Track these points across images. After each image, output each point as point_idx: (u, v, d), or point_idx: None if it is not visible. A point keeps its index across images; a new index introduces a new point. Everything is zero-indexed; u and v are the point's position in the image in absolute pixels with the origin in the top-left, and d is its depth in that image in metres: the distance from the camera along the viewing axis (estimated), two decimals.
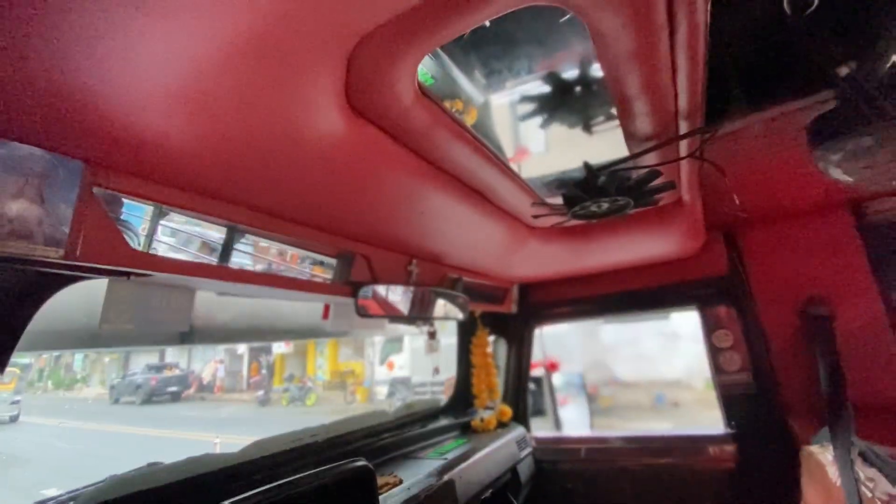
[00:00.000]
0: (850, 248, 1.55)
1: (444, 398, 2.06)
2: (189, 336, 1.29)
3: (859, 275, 1.52)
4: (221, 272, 0.84)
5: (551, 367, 2.66)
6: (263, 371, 12.64)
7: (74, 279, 0.82)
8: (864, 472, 1.02)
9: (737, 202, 1.33)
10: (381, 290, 1.17)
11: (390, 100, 0.71)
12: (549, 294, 2.06)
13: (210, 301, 1.21)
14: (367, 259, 1.17)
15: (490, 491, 1.57)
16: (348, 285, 1.13)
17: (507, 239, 1.44)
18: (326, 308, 1.39)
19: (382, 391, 10.60)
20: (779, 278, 1.66)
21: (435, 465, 1.40)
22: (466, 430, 1.84)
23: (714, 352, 1.72)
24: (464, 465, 1.45)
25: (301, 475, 0.90)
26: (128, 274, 0.79)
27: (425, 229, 1.23)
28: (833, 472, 1.16)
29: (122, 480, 0.95)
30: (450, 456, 1.49)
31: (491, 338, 2.06)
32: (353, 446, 1.42)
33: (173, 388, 11.23)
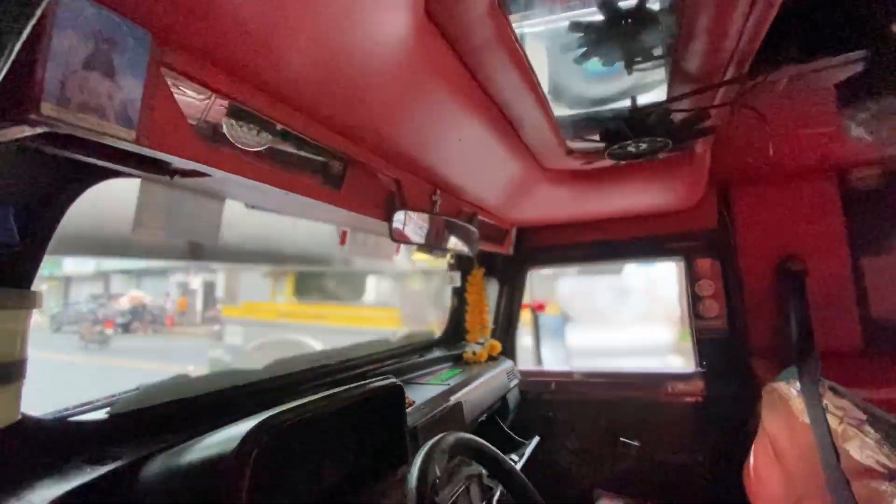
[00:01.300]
0: (830, 212, 1.68)
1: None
2: (198, 252, 1.24)
3: (834, 237, 1.67)
4: (274, 178, 0.79)
5: (539, 308, 2.81)
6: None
7: (108, 175, 0.75)
8: (833, 402, 1.18)
9: (771, 153, 1.39)
10: (412, 216, 1.16)
11: (465, 7, 0.67)
12: (545, 239, 2.12)
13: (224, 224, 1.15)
14: (399, 184, 1.15)
15: (485, 415, 1.68)
16: (383, 208, 1.11)
17: (522, 178, 1.45)
18: (344, 234, 1.37)
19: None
20: (761, 235, 1.79)
21: (439, 389, 1.47)
22: (459, 361, 1.92)
23: (695, 299, 1.86)
24: (465, 390, 1.53)
25: (339, 389, 0.93)
26: (181, 172, 0.73)
27: (455, 159, 1.21)
28: (796, 406, 1.32)
29: (154, 388, 0.93)
30: (451, 383, 1.57)
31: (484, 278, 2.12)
32: (361, 370, 1.45)
33: (123, 320, 10.80)
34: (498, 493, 1.18)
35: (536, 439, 1.74)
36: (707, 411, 1.79)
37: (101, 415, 0.84)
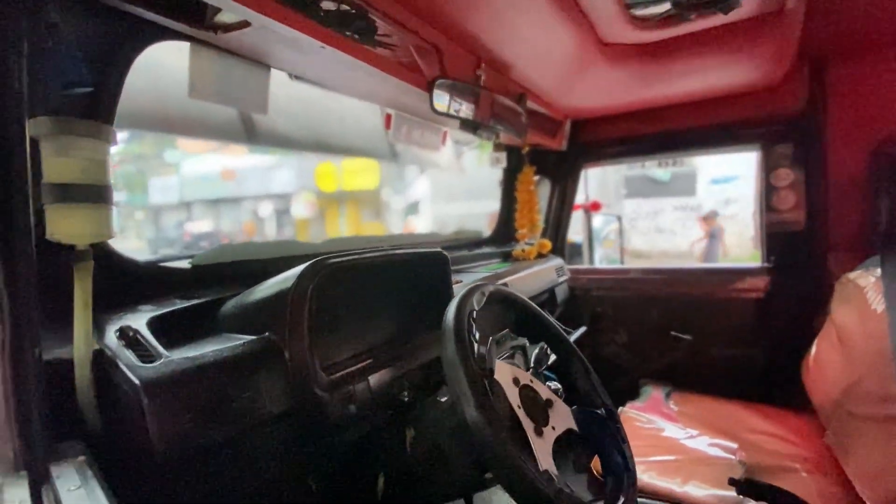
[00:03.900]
0: None
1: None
2: (254, 136, 1.31)
3: None
4: (312, 29, 0.79)
5: (593, 208, 2.73)
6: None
7: (160, 34, 0.79)
8: None
9: (879, 18, 1.16)
10: (454, 86, 1.12)
11: None
12: (602, 132, 1.99)
13: (274, 106, 1.19)
14: (440, 52, 1.10)
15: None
16: (422, 75, 1.08)
17: (577, 54, 1.33)
18: (388, 117, 1.37)
19: None
20: (858, 117, 1.55)
21: (485, 276, 1.51)
22: (507, 258, 1.95)
23: (769, 191, 1.70)
24: (513, 276, 1.57)
25: (392, 250, 0.99)
26: (224, 26, 0.75)
27: (502, 27, 1.13)
28: (871, 294, 1.22)
29: (227, 248, 1.05)
30: (499, 271, 1.61)
31: (536, 177, 2.06)
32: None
33: (204, 243, 12.02)
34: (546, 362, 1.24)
35: (583, 329, 1.78)
36: (769, 308, 1.71)
37: (184, 265, 0.97)
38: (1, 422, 0.49)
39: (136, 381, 0.57)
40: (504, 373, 0.76)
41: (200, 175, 12.54)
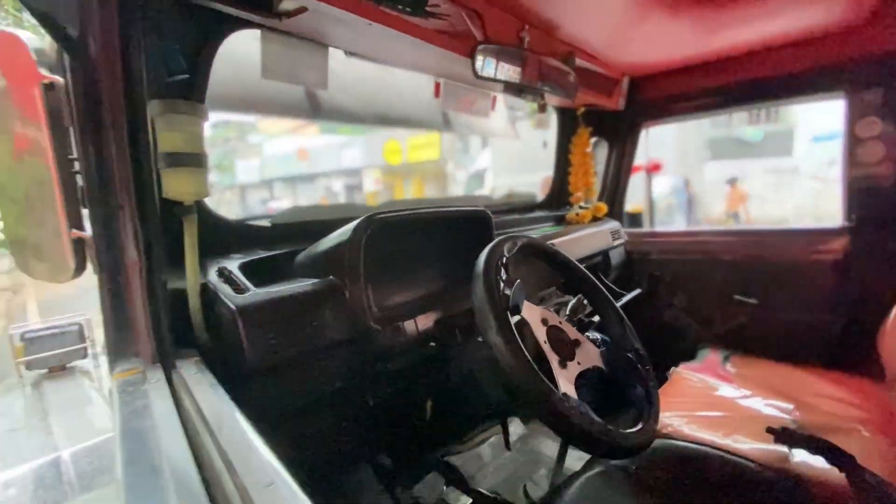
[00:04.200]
0: None
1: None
2: (318, 112, 1.46)
3: None
4: (364, 10, 0.89)
5: (653, 169, 2.60)
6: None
7: (236, 25, 0.94)
8: None
9: None
10: (498, 51, 1.17)
11: None
12: (663, 88, 1.89)
13: (336, 83, 1.31)
14: (481, 17, 1.15)
15: (584, 265, 1.75)
16: (466, 42, 1.14)
17: (630, 4, 1.29)
18: (437, 86, 1.45)
19: None
20: None
21: (539, 234, 1.56)
22: (560, 222, 1.96)
23: (853, 142, 1.54)
24: (563, 238, 1.60)
25: (437, 208, 1.09)
26: (287, 13, 0.87)
27: None
28: None
29: (301, 209, 1.22)
30: (548, 233, 1.65)
31: (593, 139, 2.03)
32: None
33: None
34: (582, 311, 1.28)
35: (637, 291, 1.77)
36: (847, 270, 1.58)
37: (265, 223, 1.15)
38: (143, 329, 0.67)
39: (233, 307, 0.74)
40: (533, 313, 0.84)
41: (278, 156, 13.53)
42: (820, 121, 6.29)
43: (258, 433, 0.48)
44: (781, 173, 6.62)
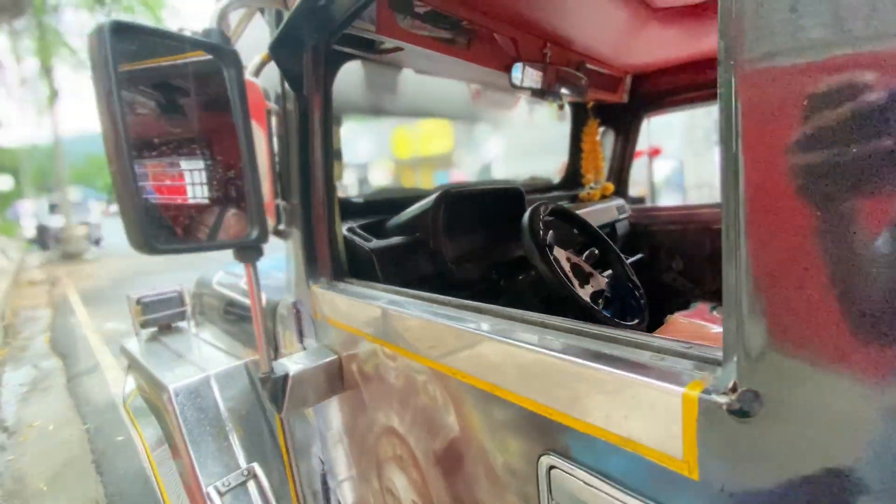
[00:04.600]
0: None
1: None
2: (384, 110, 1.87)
3: None
4: (442, 48, 1.29)
5: (654, 153, 2.93)
6: None
7: (348, 58, 1.33)
8: None
9: None
10: (526, 65, 1.55)
11: None
12: (661, 83, 2.24)
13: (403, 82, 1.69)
14: (515, 42, 1.53)
15: None
16: (503, 62, 1.53)
17: (629, 21, 1.65)
18: (476, 91, 1.84)
19: None
20: None
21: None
22: (574, 200, 2.34)
23: None
24: (578, 212, 1.98)
25: (489, 186, 1.49)
26: (387, 50, 1.26)
27: (564, 16, 1.51)
28: None
29: (385, 190, 1.63)
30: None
31: (601, 129, 2.39)
32: None
33: None
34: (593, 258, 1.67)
35: (639, 255, 2.14)
36: None
37: (360, 200, 1.56)
38: (326, 260, 1.08)
39: (367, 249, 1.15)
40: (561, 254, 1.24)
41: None
42: None
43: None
44: None
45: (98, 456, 3.13)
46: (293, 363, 0.96)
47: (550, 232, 1.21)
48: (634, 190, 2.56)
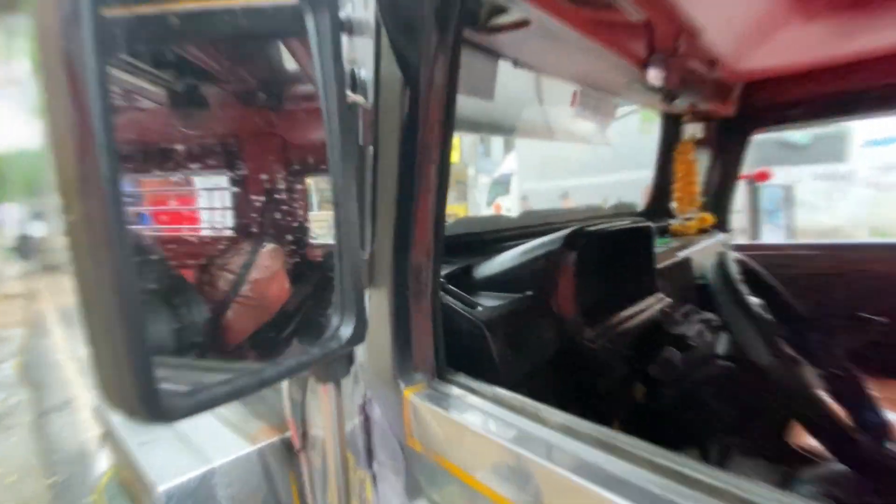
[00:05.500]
0: None
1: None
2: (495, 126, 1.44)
3: None
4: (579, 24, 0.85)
5: (760, 178, 2.50)
6: None
7: None
8: None
9: None
10: (662, 59, 1.12)
11: None
12: (774, 94, 1.81)
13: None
14: (650, 27, 1.09)
15: (699, 280, 1.68)
16: (637, 50, 1.09)
17: (771, 10, 1.24)
18: (574, 95, 1.39)
19: None
20: None
21: (660, 249, 1.49)
22: (665, 233, 1.89)
23: None
24: (688, 250, 1.54)
25: (616, 223, 1.04)
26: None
27: None
28: None
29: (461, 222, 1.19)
30: (672, 245, 1.58)
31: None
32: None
33: None
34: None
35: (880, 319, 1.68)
36: None
37: None
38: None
39: (476, 320, 0.72)
40: None
41: None
42: (873, 124, 6.07)
43: None
44: (833, 179, 6.40)
45: None
46: None
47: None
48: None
